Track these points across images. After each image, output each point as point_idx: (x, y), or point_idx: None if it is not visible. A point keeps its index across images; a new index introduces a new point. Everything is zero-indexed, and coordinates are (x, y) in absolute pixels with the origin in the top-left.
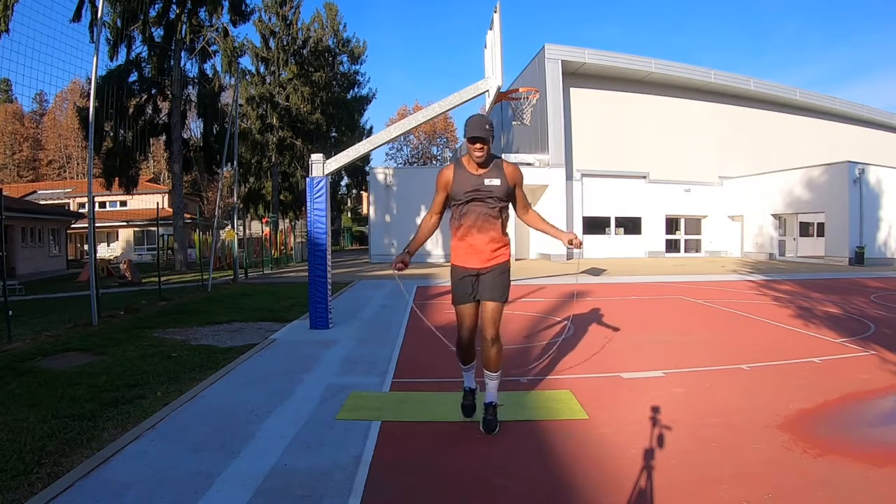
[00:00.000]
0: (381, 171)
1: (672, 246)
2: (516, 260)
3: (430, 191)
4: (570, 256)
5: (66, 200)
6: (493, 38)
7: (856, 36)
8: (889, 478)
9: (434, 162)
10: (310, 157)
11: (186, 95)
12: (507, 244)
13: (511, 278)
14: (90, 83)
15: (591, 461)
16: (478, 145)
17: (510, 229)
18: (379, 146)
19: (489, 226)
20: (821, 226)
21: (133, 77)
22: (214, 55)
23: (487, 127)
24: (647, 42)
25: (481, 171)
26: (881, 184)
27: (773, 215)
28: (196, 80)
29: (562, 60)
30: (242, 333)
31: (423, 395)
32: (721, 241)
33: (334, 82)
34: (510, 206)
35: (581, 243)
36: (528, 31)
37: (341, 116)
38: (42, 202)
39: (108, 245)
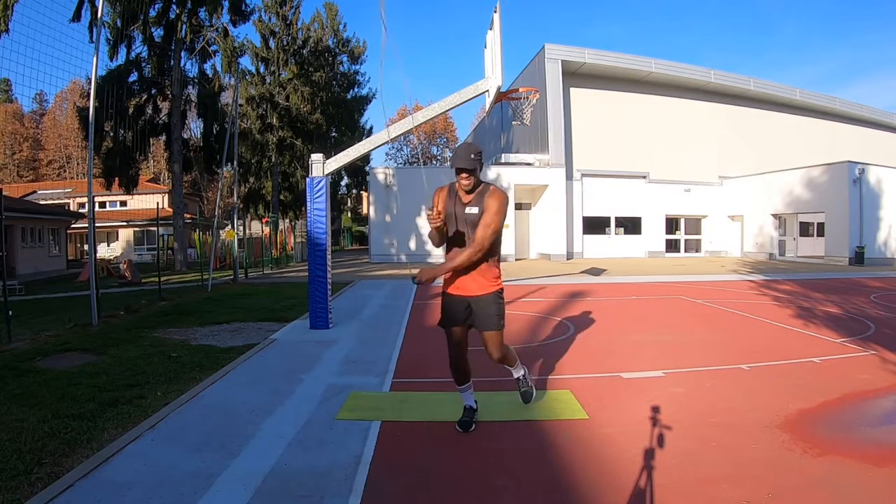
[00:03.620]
0: (381, 171)
1: (672, 246)
2: (516, 260)
3: (430, 191)
4: (569, 256)
5: (66, 200)
6: (493, 38)
7: (856, 36)
8: (889, 478)
9: (434, 162)
10: (310, 157)
11: (186, 95)
12: (497, 276)
13: (511, 278)
14: (90, 83)
15: (591, 461)
16: (463, 175)
17: (510, 232)
18: (379, 146)
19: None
20: (821, 226)
21: (133, 77)
22: (214, 55)
23: (473, 156)
24: (647, 42)
25: (467, 198)
26: (881, 184)
27: (773, 215)
28: (196, 80)
29: (562, 60)
30: (242, 333)
31: (423, 395)
32: (721, 241)
33: (334, 82)
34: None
35: (420, 280)
36: (528, 31)
37: (341, 116)
38: (42, 202)
39: (108, 245)
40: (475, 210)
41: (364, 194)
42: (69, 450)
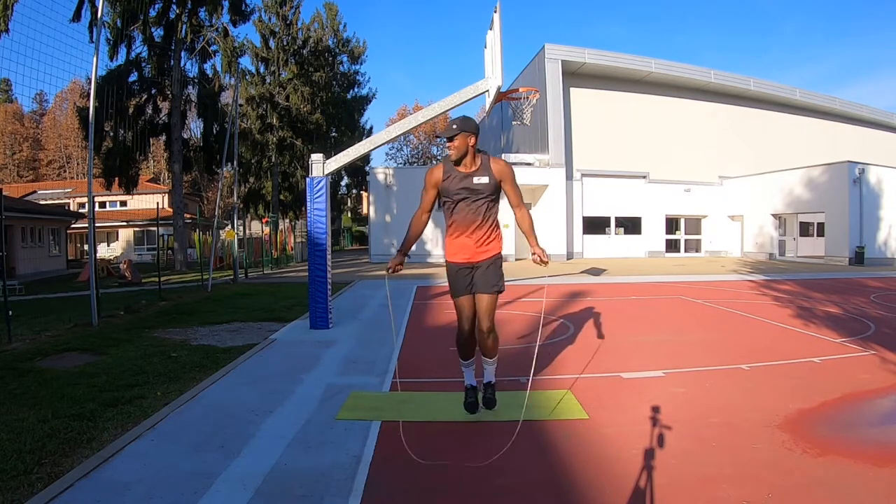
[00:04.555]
0: (381, 171)
1: (672, 246)
2: (516, 260)
3: None
4: (569, 256)
5: (66, 200)
6: (493, 38)
7: (856, 36)
8: (889, 478)
9: (434, 162)
10: (310, 157)
11: (186, 95)
12: (499, 237)
13: (510, 278)
14: (90, 83)
15: (591, 461)
16: (448, 143)
17: (510, 232)
18: (379, 146)
19: (479, 223)
20: (821, 226)
21: (133, 77)
22: (214, 55)
23: (455, 126)
24: (647, 41)
25: (471, 169)
26: (881, 184)
27: (773, 215)
28: (196, 80)
29: (562, 60)
30: (242, 333)
31: (423, 395)
32: (721, 241)
33: (334, 82)
34: (501, 200)
35: (546, 263)
36: (528, 31)
37: (341, 116)
38: (42, 202)
39: (108, 245)
40: (485, 179)
41: (364, 194)
42: (69, 450)
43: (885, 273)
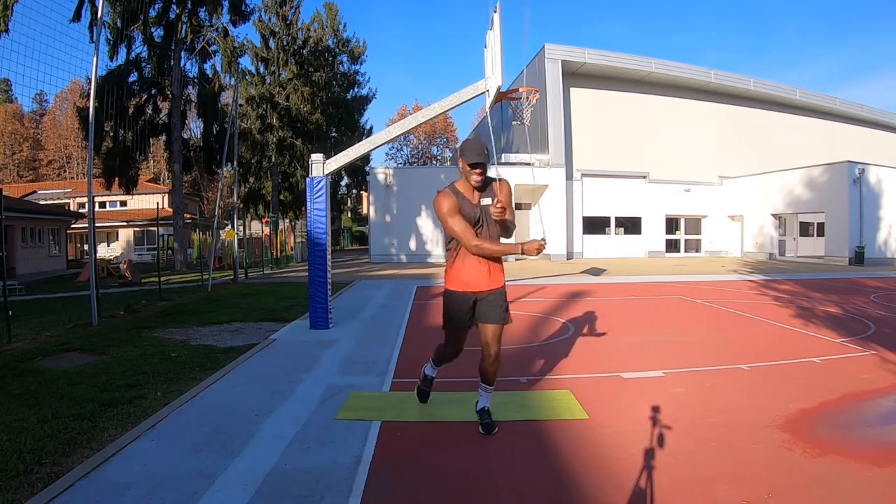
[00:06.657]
0: (381, 171)
1: (672, 246)
2: (516, 260)
3: (430, 191)
4: (569, 256)
5: (66, 200)
6: (493, 38)
7: (856, 36)
8: (889, 478)
9: (434, 162)
10: (310, 157)
11: (186, 95)
12: (503, 269)
13: (511, 278)
14: (90, 83)
15: (591, 461)
16: (478, 170)
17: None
18: (379, 146)
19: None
20: (821, 226)
21: (133, 77)
22: (214, 55)
23: (486, 152)
24: (648, 41)
25: (477, 195)
26: (881, 184)
27: (773, 215)
28: (196, 80)
29: (562, 60)
30: (242, 333)
31: None
32: (721, 241)
33: (334, 82)
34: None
35: (538, 248)
36: (529, 31)
37: (341, 116)
38: (42, 202)
39: (108, 245)
40: (488, 202)
41: (364, 194)
42: (69, 450)
43: (885, 273)
